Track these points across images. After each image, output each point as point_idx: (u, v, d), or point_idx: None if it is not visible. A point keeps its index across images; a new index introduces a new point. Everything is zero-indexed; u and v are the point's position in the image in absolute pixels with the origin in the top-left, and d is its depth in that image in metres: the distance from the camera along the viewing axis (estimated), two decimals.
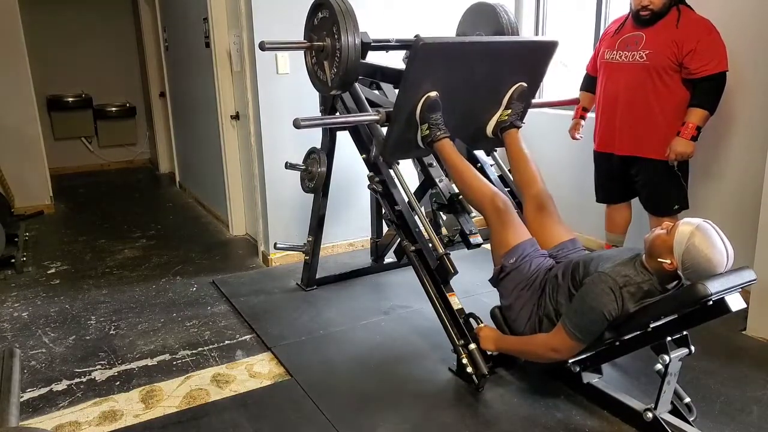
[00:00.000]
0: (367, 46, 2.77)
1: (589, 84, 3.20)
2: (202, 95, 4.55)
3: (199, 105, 4.76)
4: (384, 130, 2.65)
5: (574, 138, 3.30)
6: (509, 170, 2.84)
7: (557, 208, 2.50)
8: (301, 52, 2.81)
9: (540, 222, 2.45)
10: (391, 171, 2.72)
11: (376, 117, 2.58)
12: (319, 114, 3.13)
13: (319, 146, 3.15)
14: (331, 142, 3.13)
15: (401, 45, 3.06)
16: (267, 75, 3.49)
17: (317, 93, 3.03)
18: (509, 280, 2.31)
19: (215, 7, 3.97)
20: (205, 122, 4.59)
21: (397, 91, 3.04)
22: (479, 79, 2.56)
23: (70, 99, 6.56)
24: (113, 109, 6.82)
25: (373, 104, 2.81)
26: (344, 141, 3.06)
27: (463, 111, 2.63)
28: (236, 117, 4.14)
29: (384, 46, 3.04)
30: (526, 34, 4.16)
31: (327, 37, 2.56)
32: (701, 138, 2.75)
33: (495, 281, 2.39)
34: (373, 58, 3.04)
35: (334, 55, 2.54)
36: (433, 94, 2.47)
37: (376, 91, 3.15)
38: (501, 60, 2.59)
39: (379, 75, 3.00)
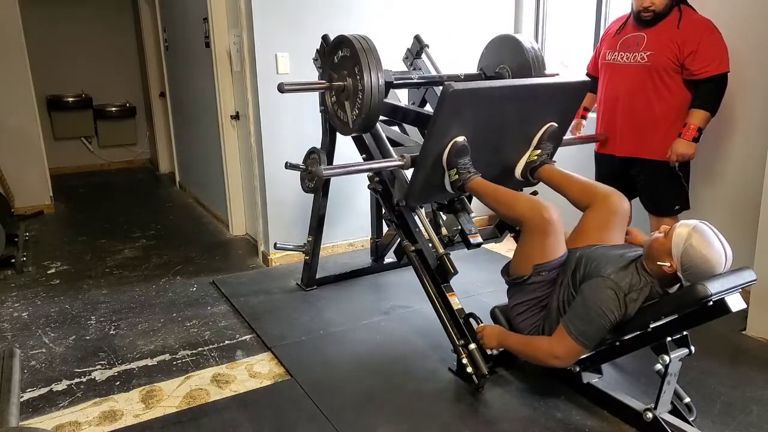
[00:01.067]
0: (389, 85, 2.69)
1: (590, 84, 3.20)
2: (202, 95, 4.55)
3: (199, 105, 4.76)
4: (408, 173, 2.59)
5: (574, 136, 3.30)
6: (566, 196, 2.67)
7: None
8: (304, 56, 2.79)
9: (608, 220, 2.32)
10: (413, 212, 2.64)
11: (401, 162, 2.49)
12: (319, 113, 3.14)
13: (319, 146, 3.15)
14: (331, 142, 3.13)
15: (426, 82, 3.02)
16: (267, 75, 3.49)
17: (317, 93, 3.03)
18: (530, 290, 2.25)
19: (215, 7, 3.97)
20: (205, 122, 4.59)
21: (415, 127, 3.02)
22: (508, 121, 2.49)
23: (70, 99, 6.56)
24: (113, 109, 6.81)
25: (392, 143, 2.75)
26: (344, 141, 3.06)
27: (492, 153, 2.55)
28: (236, 117, 4.14)
29: (407, 83, 2.98)
30: (527, 34, 4.16)
31: (348, 76, 2.50)
32: (702, 139, 2.75)
33: (513, 282, 2.32)
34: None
35: (356, 96, 2.47)
36: (461, 139, 2.40)
37: (396, 128, 3.12)
38: (531, 101, 2.52)
39: (402, 116, 2.95)
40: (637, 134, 2.87)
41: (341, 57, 2.54)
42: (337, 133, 3.13)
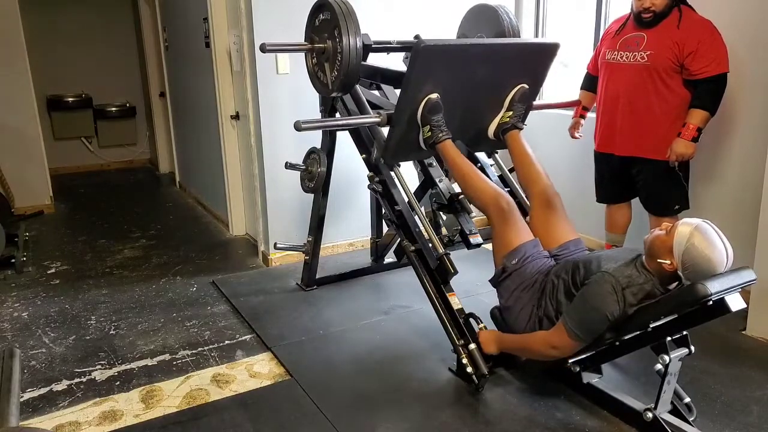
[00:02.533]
0: (368, 48, 2.76)
1: (589, 83, 3.21)
2: (202, 95, 4.55)
3: (199, 105, 4.76)
4: (385, 131, 2.65)
5: (573, 137, 3.30)
6: (510, 170, 2.84)
7: (564, 208, 2.49)
8: (302, 53, 2.81)
9: (546, 219, 2.44)
10: (392, 171, 2.71)
11: (377, 119, 2.57)
12: (320, 114, 3.14)
13: (319, 146, 3.15)
14: (331, 142, 3.13)
15: (402, 47, 3.06)
16: (267, 75, 3.49)
17: (317, 93, 3.03)
18: (510, 281, 2.31)
19: (215, 7, 3.97)
20: (205, 122, 4.59)
21: (398, 92, 3.04)
22: (480, 81, 2.56)
23: (70, 99, 6.56)
24: (113, 109, 6.81)
25: (374, 106, 2.81)
26: (344, 141, 3.06)
27: (465, 113, 2.63)
28: (236, 117, 4.14)
29: (385, 47, 3.03)
30: (527, 35, 4.16)
31: (328, 39, 2.56)
32: (702, 138, 2.75)
33: (496, 282, 2.39)
34: (374, 60, 3.04)
35: (335, 58, 2.53)
36: (435, 95, 2.46)
37: (377, 92, 3.15)
38: (502, 62, 2.58)
39: (380, 77, 3.00)
40: (637, 134, 2.87)
41: (322, 20, 2.58)
42: (338, 133, 3.14)
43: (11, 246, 3.89)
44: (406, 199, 2.68)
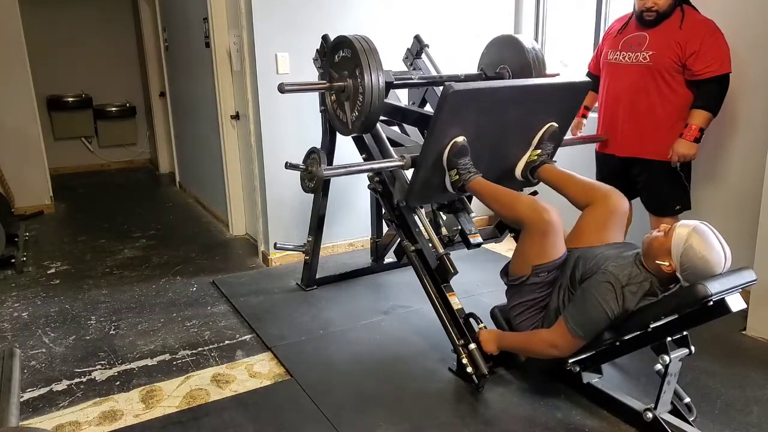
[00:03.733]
0: (389, 85, 2.67)
1: (591, 83, 3.20)
2: (202, 95, 4.55)
3: (199, 105, 4.76)
4: (407, 173, 2.59)
5: (574, 136, 3.30)
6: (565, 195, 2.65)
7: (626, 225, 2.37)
8: (304, 56, 2.79)
9: (607, 219, 2.31)
10: (415, 215, 2.62)
11: (401, 162, 2.48)
12: (320, 114, 3.14)
13: (319, 146, 3.15)
14: (331, 142, 3.13)
15: (426, 82, 3.01)
16: (267, 75, 3.49)
17: (317, 93, 3.03)
18: (529, 290, 2.25)
19: (215, 7, 3.97)
20: (205, 122, 4.59)
21: (416, 128, 3.01)
22: (509, 121, 2.48)
23: (70, 99, 6.56)
24: (113, 109, 6.81)
25: (391, 142, 2.75)
26: (344, 140, 3.06)
27: (492, 153, 2.55)
28: (236, 117, 4.14)
29: (407, 83, 2.97)
30: (527, 34, 4.16)
31: (348, 77, 2.49)
32: (703, 139, 2.75)
33: (513, 283, 2.32)
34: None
35: (356, 96, 2.47)
36: (461, 139, 2.40)
37: (395, 128, 3.11)
38: (532, 102, 2.51)
39: (402, 117, 2.94)
40: (639, 134, 2.86)
41: (342, 57, 2.53)
42: (337, 133, 3.13)
43: (11, 246, 3.89)
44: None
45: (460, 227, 2.67)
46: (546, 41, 4.20)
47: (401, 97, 3.40)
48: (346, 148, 3.11)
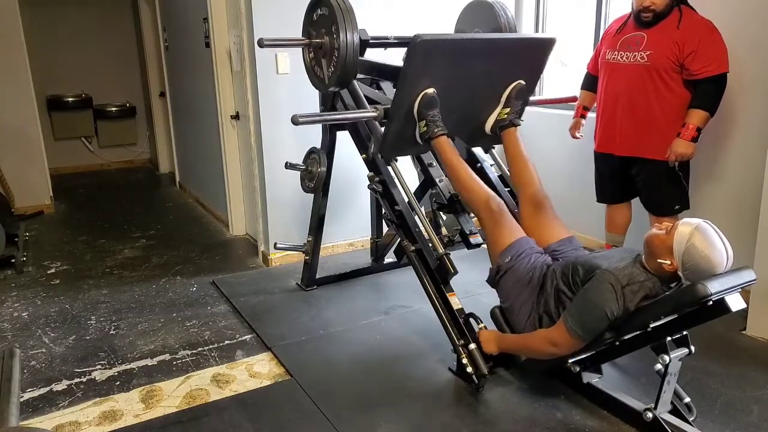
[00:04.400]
0: (365, 44, 2.76)
1: (589, 83, 3.20)
2: (202, 95, 4.55)
3: (199, 105, 4.76)
4: (383, 127, 2.65)
5: (574, 137, 3.30)
6: (508, 170, 2.84)
7: (554, 209, 2.50)
8: (302, 52, 2.81)
9: (537, 221, 2.46)
10: (391, 170, 2.71)
11: (374, 114, 2.57)
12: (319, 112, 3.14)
13: (319, 146, 3.15)
14: (331, 142, 3.13)
15: (400, 42, 3.05)
16: (267, 75, 3.49)
17: (317, 92, 3.03)
18: (506, 279, 2.32)
19: (215, 7, 3.97)
20: (205, 122, 4.59)
21: (391, 82, 3.05)
22: (477, 76, 2.56)
23: (70, 99, 6.56)
24: (113, 109, 6.81)
25: (372, 102, 2.80)
26: (344, 141, 3.06)
27: (462, 108, 2.63)
28: (236, 117, 4.14)
29: (383, 43, 3.03)
30: (526, 31, 4.16)
31: (325, 34, 2.56)
32: (702, 138, 2.75)
33: (492, 282, 2.40)
34: (373, 57, 3.04)
35: (332, 53, 2.54)
36: (431, 90, 2.46)
37: (376, 90, 3.14)
38: (499, 57, 2.58)
39: (377, 72, 3.00)
40: (637, 134, 2.87)
41: (320, 15, 2.59)
42: (338, 133, 3.14)
43: (11, 246, 3.89)
44: (406, 199, 2.68)
45: (460, 227, 2.67)
46: None
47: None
48: (346, 148, 3.11)
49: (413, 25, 3.60)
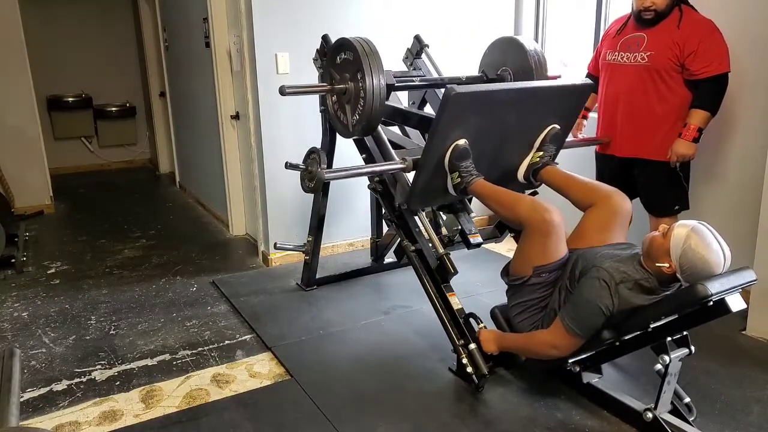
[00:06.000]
0: (391, 88, 2.66)
1: (592, 86, 3.20)
2: (202, 95, 4.55)
3: (199, 105, 4.76)
4: (409, 176, 2.58)
5: (575, 138, 3.30)
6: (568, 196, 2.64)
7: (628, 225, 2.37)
8: (304, 56, 2.79)
9: (609, 221, 2.30)
10: (416, 217, 2.62)
11: (402, 165, 2.47)
12: (320, 114, 3.14)
13: (319, 146, 3.15)
14: (331, 142, 3.13)
15: (427, 84, 3.00)
16: (267, 75, 3.49)
17: (317, 93, 3.03)
18: (529, 290, 2.25)
19: (215, 7, 3.97)
20: (205, 122, 4.59)
21: (417, 130, 3.00)
22: (510, 124, 2.48)
23: (70, 99, 6.55)
24: (113, 109, 6.81)
25: (393, 145, 2.74)
26: (344, 140, 3.05)
27: (493, 156, 2.55)
28: (236, 117, 4.14)
29: (408, 86, 2.96)
30: (527, 33, 4.16)
31: (350, 80, 2.49)
32: (703, 139, 2.75)
33: (514, 284, 2.31)
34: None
35: (357, 99, 2.46)
36: (462, 142, 2.39)
37: (396, 129, 3.11)
38: (533, 104, 2.51)
39: (403, 119, 2.93)
40: (638, 135, 2.86)
41: (343, 59, 2.52)
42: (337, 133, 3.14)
43: (11, 246, 3.89)
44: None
45: (460, 227, 2.66)
46: (546, 41, 4.20)
47: (401, 97, 3.39)
48: (346, 149, 3.11)
49: (413, 25, 3.60)
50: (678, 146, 2.73)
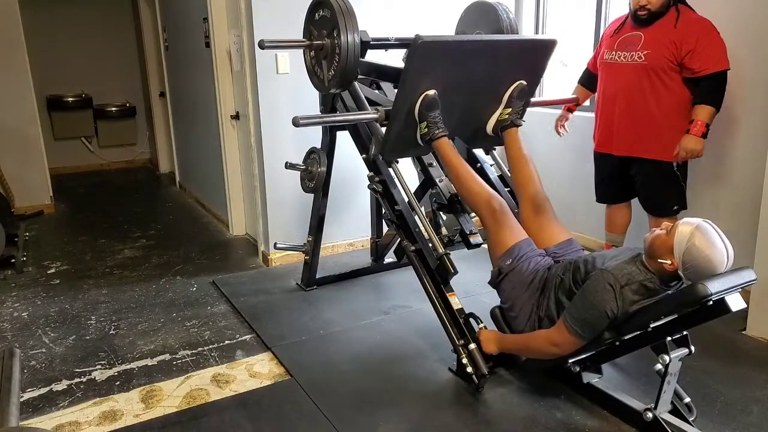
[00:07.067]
0: (366, 45, 2.76)
1: (586, 79, 3.21)
2: (202, 95, 4.55)
3: (199, 105, 4.76)
4: (383, 128, 2.65)
5: (557, 131, 3.32)
6: (509, 170, 2.84)
7: (554, 210, 2.50)
8: (302, 52, 2.81)
9: (537, 223, 2.46)
10: (391, 170, 2.71)
11: (375, 115, 2.57)
12: (319, 113, 3.14)
13: (319, 146, 3.15)
14: (331, 142, 3.13)
15: (401, 43, 3.05)
16: (267, 75, 3.49)
17: (317, 92, 3.03)
18: (507, 281, 2.32)
19: (215, 7, 3.97)
20: (205, 122, 4.59)
21: (396, 89, 3.04)
22: (478, 78, 2.56)
23: (70, 99, 6.56)
24: (113, 109, 6.82)
25: (373, 103, 2.80)
26: (344, 141, 3.06)
27: (463, 109, 2.63)
28: (236, 117, 4.14)
29: (383, 44, 3.03)
30: (527, 33, 4.16)
31: (327, 36, 2.55)
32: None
33: (494, 283, 2.40)
34: (374, 57, 3.04)
35: (333, 55, 2.53)
36: (432, 92, 2.46)
37: (376, 91, 3.14)
38: (500, 58, 2.58)
39: (378, 73, 3.00)
40: (635, 133, 2.87)
41: (321, 16, 2.58)
42: (338, 133, 3.14)
43: (11, 246, 3.89)
44: (406, 199, 2.68)
45: (460, 227, 2.67)
46: None
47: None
48: (346, 149, 3.11)
49: (413, 24, 3.61)
50: (687, 142, 2.71)
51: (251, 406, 2.32)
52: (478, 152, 3.02)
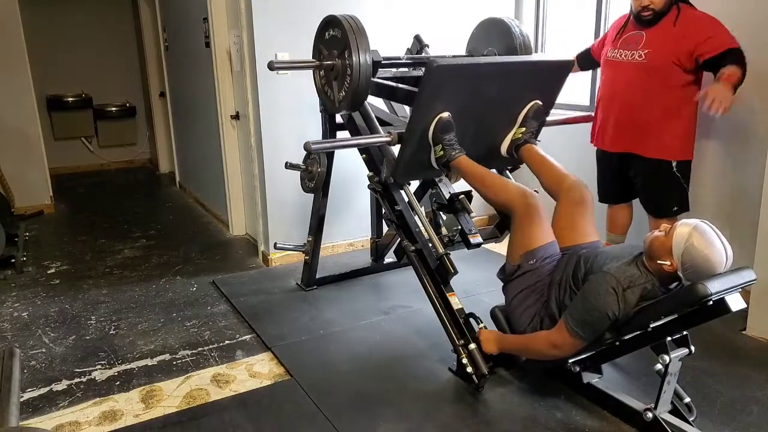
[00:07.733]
0: (377, 65, 2.70)
1: (583, 58, 3.18)
2: (202, 95, 4.55)
3: (199, 105, 4.76)
4: (395, 149, 2.60)
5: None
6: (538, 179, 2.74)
7: (593, 205, 2.42)
8: (304, 56, 2.80)
9: (574, 214, 2.36)
10: (402, 191, 2.66)
11: (388, 138, 2.51)
12: (320, 114, 3.14)
13: None
14: None
15: (413, 62, 3.02)
16: (267, 75, 3.48)
17: (318, 94, 3.03)
18: (522, 280, 2.28)
19: (215, 7, 3.97)
20: (205, 122, 4.59)
21: (406, 107, 3.03)
22: (493, 99, 2.51)
23: (70, 99, 6.56)
24: (113, 109, 6.82)
25: (381, 122, 2.76)
26: None
27: (477, 130, 2.58)
28: (236, 117, 4.14)
29: (395, 63, 2.99)
30: (527, 32, 4.15)
31: (337, 56, 2.51)
32: (700, 139, 2.74)
33: (506, 277, 2.36)
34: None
35: (344, 76, 2.49)
36: (446, 114, 2.43)
37: (385, 107, 3.12)
38: (515, 79, 2.54)
39: (389, 95, 2.95)
40: (634, 132, 2.86)
41: (331, 36, 2.56)
42: (337, 133, 3.13)
43: (11, 246, 3.89)
44: (406, 199, 2.67)
45: (460, 227, 2.66)
46: (546, 41, 4.20)
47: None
48: (346, 148, 3.11)
49: (413, 24, 3.61)
50: (715, 90, 2.44)
51: (251, 406, 2.32)
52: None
